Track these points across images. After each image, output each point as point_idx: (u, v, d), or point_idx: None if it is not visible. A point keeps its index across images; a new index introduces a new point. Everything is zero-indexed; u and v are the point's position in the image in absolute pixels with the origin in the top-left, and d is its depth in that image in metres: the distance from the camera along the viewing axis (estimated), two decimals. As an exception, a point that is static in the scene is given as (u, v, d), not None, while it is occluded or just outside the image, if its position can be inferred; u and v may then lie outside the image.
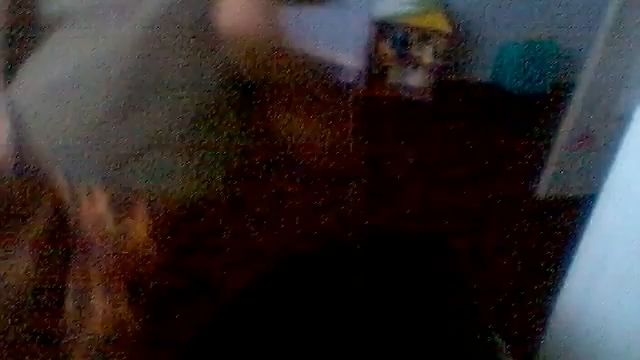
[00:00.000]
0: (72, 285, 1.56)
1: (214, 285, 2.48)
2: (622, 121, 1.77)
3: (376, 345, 1.35)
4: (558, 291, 1.94)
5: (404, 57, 3.74)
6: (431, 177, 3.26)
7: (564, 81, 3.71)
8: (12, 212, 1.48)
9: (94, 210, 1.43)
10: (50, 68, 1.46)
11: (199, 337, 1.50)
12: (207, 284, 2.48)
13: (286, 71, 1.39)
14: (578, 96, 2.99)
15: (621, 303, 1.76)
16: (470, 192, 3.21)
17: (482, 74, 4.04)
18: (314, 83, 1.46)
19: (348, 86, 3.82)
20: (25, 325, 1.60)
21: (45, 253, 1.54)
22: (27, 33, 1.49)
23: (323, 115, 1.48)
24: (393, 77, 3.82)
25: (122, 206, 1.43)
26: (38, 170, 1.45)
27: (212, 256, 2.61)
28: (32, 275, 1.55)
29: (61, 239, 1.52)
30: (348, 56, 3.94)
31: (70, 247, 1.53)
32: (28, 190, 1.47)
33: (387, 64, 3.78)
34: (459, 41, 3.85)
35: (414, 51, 3.74)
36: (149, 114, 1.40)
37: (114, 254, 1.47)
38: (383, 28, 3.68)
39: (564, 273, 1.91)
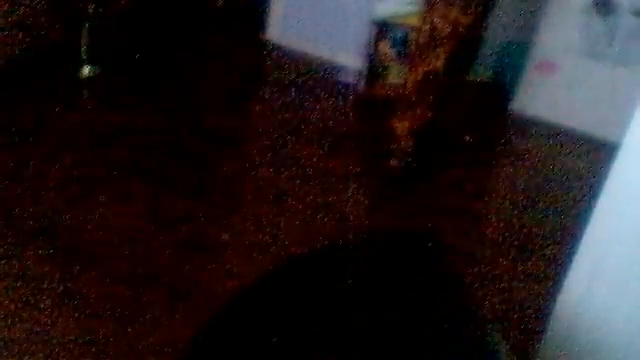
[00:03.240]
0: None
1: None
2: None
3: (375, 345, 1.35)
4: (558, 291, 1.94)
5: (404, 57, 3.74)
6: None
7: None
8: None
9: None
10: None
11: (199, 337, 1.50)
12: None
13: None
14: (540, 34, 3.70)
15: (621, 303, 1.76)
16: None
17: (482, 74, 4.04)
18: None
19: (348, 86, 3.82)
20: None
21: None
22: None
23: None
24: (393, 77, 3.81)
25: None
26: None
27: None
28: None
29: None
30: (348, 56, 3.95)
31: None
32: None
33: (387, 64, 3.77)
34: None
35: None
36: None
37: None
38: (383, 28, 3.68)
39: (564, 273, 1.92)
